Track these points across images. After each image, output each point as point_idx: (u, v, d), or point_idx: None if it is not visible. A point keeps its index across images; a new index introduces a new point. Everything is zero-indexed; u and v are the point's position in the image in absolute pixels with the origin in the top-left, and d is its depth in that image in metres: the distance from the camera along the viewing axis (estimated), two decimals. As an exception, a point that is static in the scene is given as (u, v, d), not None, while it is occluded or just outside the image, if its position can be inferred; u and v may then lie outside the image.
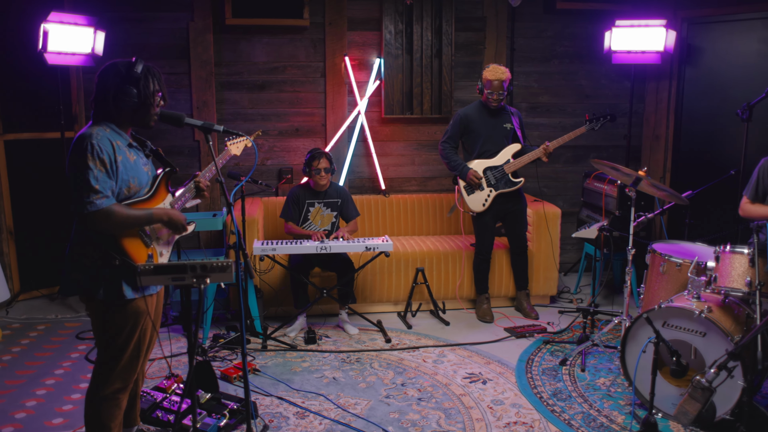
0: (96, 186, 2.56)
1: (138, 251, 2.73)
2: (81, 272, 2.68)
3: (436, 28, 5.89)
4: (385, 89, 5.90)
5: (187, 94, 5.75)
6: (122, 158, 2.68)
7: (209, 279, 2.47)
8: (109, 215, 2.59)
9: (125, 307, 2.72)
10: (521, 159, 4.94)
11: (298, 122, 5.95)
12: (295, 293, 4.86)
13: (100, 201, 2.56)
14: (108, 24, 5.40)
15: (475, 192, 5.01)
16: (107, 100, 2.69)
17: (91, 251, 2.67)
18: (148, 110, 2.77)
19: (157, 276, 2.45)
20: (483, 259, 5.15)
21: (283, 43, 5.83)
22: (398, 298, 5.30)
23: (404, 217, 5.95)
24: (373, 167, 6.04)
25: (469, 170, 4.97)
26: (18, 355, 4.47)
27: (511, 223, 5.14)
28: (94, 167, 2.57)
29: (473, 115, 5.01)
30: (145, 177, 2.81)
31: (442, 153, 5.10)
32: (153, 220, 2.76)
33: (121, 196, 2.69)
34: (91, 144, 2.58)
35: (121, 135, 2.74)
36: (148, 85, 2.73)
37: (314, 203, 5.03)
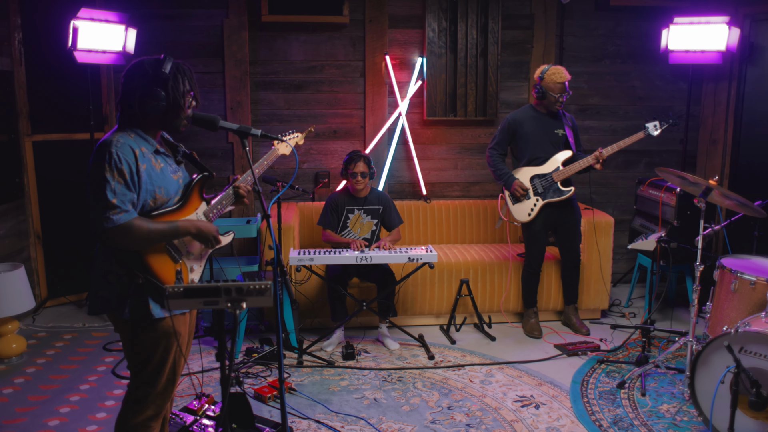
0: (113, 200, 2.32)
1: (165, 268, 2.48)
2: (107, 289, 2.45)
3: (481, 26, 5.59)
4: (428, 90, 5.62)
5: (221, 95, 5.53)
6: (146, 167, 2.43)
7: (245, 303, 2.20)
8: (129, 231, 2.34)
9: (154, 327, 2.47)
10: (571, 167, 4.61)
11: (336, 124, 5.69)
12: (332, 305, 4.59)
13: (117, 216, 2.32)
14: (140, 21, 5.20)
15: (521, 201, 4.71)
16: (132, 103, 2.45)
17: (116, 267, 2.43)
18: (178, 113, 2.51)
19: (186, 300, 2.19)
20: (532, 272, 4.84)
21: (321, 41, 5.57)
22: (440, 310, 5.01)
23: (446, 224, 5.65)
24: (414, 171, 5.76)
25: (514, 181, 4.68)
26: (42, 368, 4.27)
27: (563, 235, 4.81)
28: (111, 179, 2.33)
29: (523, 119, 4.70)
30: (173, 186, 2.55)
31: (489, 160, 4.81)
32: (179, 234, 2.50)
33: (146, 207, 2.45)
34: (109, 153, 2.34)
35: (148, 141, 2.50)
36: (177, 85, 2.47)
37: (354, 210, 4.76)
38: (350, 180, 4.65)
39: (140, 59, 2.52)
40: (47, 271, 5.37)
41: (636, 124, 5.94)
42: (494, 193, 5.93)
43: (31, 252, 5.24)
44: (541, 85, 4.56)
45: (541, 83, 4.57)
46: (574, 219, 4.79)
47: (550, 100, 4.56)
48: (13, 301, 4.23)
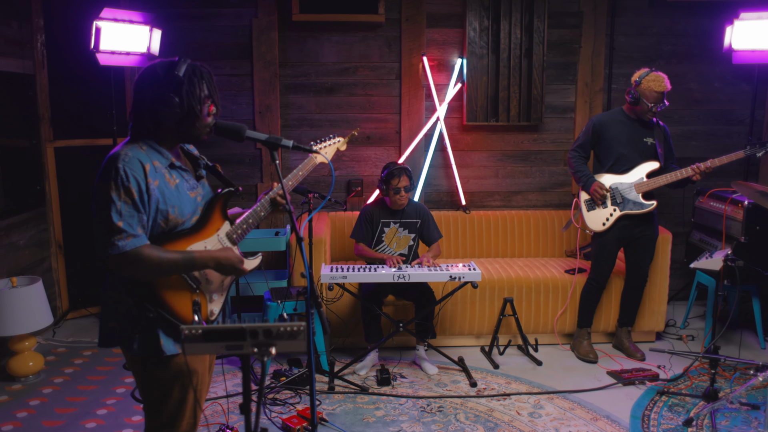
0: (119, 223, 2.03)
1: (180, 298, 2.18)
2: (116, 320, 2.17)
3: (525, 25, 5.22)
4: (467, 93, 5.26)
5: (249, 98, 5.24)
6: (159, 183, 2.13)
7: (275, 348, 1.88)
8: (136, 260, 2.05)
9: (167, 365, 2.17)
10: (657, 179, 4.23)
11: (369, 129, 5.37)
12: (366, 325, 4.27)
13: (123, 242, 2.03)
14: (165, 21, 4.94)
15: (597, 208, 4.33)
16: (143, 112, 2.16)
17: (125, 296, 2.14)
18: (194, 122, 2.20)
19: (206, 344, 1.87)
20: (597, 286, 4.46)
21: (354, 41, 5.26)
22: (481, 330, 4.65)
23: (487, 236, 5.29)
24: (453, 180, 5.41)
25: (594, 182, 4.31)
26: (60, 388, 4.02)
27: (635, 251, 4.42)
28: (117, 199, 2.03)
29: (610, 123, 4.34)
30: (189, 205, 2.24)
31: (571, 162, 4.46)
32: (195, 267, 2.19)
33: (157, 229, 2.15)
34: (116, 169, 2.05)
35: (161, 153, 2.19)
36: (193, 90, 2.16)
37: (390, 223, 4.43)
38: (392, 196, 4.32)
39: (152, 62, 2.22)
40: (68, 282, 5.15)
41: (692, 129, 5.52)
42: (537, 203, 5.56)
43: (53, 262, 5.01)
44: (637, 91, 4.18)
45: (636, 88, 4.18)
46: (651, 235, 4.40)
47: (643, 109, 4.18)
48: (30, 318, 3.99)
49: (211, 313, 2.29)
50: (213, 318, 2.29)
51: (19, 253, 4.54)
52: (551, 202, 5.56)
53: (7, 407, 3.77)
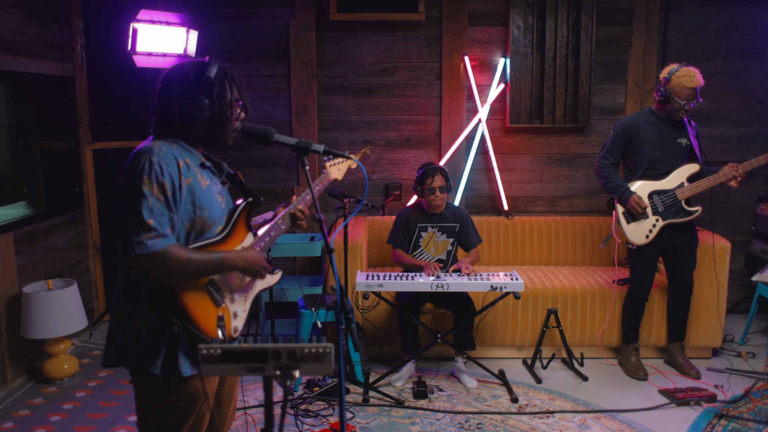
0: (149, 221, 1.91)
1: (206, 312, 2.05)
2: (130, 336, 2.02)
3: (572, 22, 4.99)
4: (511, 94, 5.06)
5: (286, 99, 5.15)
6: (191, 181, 2.02)
7: (299, 371, 1.74)
8: (165, 260, 1.92)
9: (179, 387, 2.04)
10: (699, 183, 3.96)
11: (408, 131, 5.22)
12: (403, 335, 4.12)
13: (152, 241, 1.90)
14: (201, 22, 4.88)
15: (638, 220, 4.07)
16: (170, 113, 2.05)
17: (145, 307, 2.01)
18: (224, 126, 2.10)
19: (225, 365, 1.74)
20: (638, 302, 4.21)
21: (393, 41, 5.11)
22: (523, 342, 4.45)
23: (530, 242, 5.08)
24: (494, 184, 5.22)
25: (632, 195, 4.04)
26: (93, 392, 3.98)
27: (677, 261, 4.15)
28: (149, 194, 1.92)
29: (641, 125, 4.07)
30: (218, 209, 2.12)
31: (599, 171, 4.19)
32: (224, 267, 2.07)
33: (182, 235, 2.03)
34: (149, 162, 1.93)
35: (192, 153, 2.09)
36: (224, 92, 2.06)
37: (427, 228, 4.28)
38: (427, 196, 4.16)
39: (180, 62, 2.12)
40: (106, 284, 5.13)
41: (753, 132, 5.21)
42: (583, 209, 5.32)
43: (90, 264, 5.00)
44: (666, 88, 3.92)
45: (666, 85, 3.92)
46: (692, 243, 4.13)
47: (674, 107, 3.92)
48: (64, 321, 3.96)
49: (235, 330, 2.16)
50: (237, 335, 2.17)
51: (56, 255, 4.53)
52: (598, 207, 5.31)
53: (41, 410, 3.74)
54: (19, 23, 4.13)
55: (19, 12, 4.13)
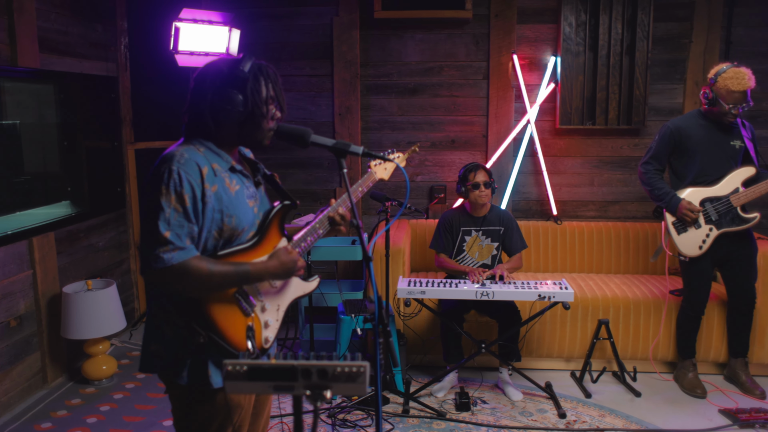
0: (165, 234, 1.81)
1: (234, 323, 1.95)
2: (161, 344, 1.96)
3: (628, 19, 4.76)
4: (561, 94, 4.86)
5: (329, 99, 5.05)
6: (217, 188, 1.92)
7: (330, 391, 1.62)
8: (183, 274, 1.83)
9: (212, 399, 1.95)
10: (756, 188, 3.70)
11: (454, 132, 5.06)
12: (445, 344, 3.97)
13: (169, 255, 1.81)
14: (244, 21, 4.83)
15: (689, 230, 3.83)
16: (203, 110, 1.95)
17: (174, 316, 1.93)
18: (259, 124, 1.99)
19: (250, 383, 1.63)
20: (693, 315, 3.96)
21: (439, 39, 4.97)
22: (571, 353, 4.25)
23: (580, 249, 4.87)
24: (543, 187, 5.02)
25: (681, 202, 3.80)
26: (130, 394, 3.95)
27: (735, 272, 3.89)
28: (167, 206, 1.83)
29: (689, 128, 3.83)
30: (248, 216, 2.02)
31: (644, 177, 3.95)
32: (251, 280, 1.97)
33: (210, 243, 1.93)
34: (169, 171, 1.84)
35: (221, 156, 1.99)
36: (258, 89, 1.96)
37: (471, 231, 4.12)
38: (470, 193, 4.01)
39: (214, 59, 2.03)
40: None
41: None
42: (636, 214, 5.08)
43: (131, 264, 5.00)
44: (712, 90, 3.68)
45: (712, 87, 3.67)
46: (750, 251, 3.86)
47: (721, 111, 3.66)
48: (103, 322, 3.93)
49: (265, 341, 2.06)
50: (268, 346, 2.07)
51: (98, 255, 4.53)
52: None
53: (79, 411, 3.72)
54: (64, 23, 4.14)
55: (64, 12, 4.13)
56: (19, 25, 3.68)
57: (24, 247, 3.79)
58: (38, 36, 3.86)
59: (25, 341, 3.80)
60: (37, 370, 3.91)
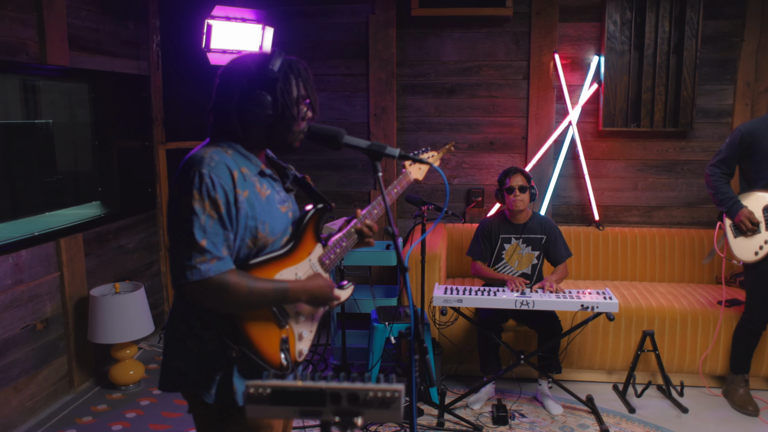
0: (202, 242, 1.68)
1: (268, 335, 1.82)
2: (184, 359, 1.83)
3: (676, 16, 4.55)
4: (605, 95, 4.67)
5: (364, 99, 4.93)
6: (248, 194, 1.79)
7: (361, 418, 1.48)
8: (222, 289, 1.70)
9: (239, 417, 1.82)
10: None
11: (493, 134, 4.90)
12: (482, 355, 3.81)
13: (206, 266, 1.68)
14: (278, 19, 4.73)
15: (747, 235, 3.63)
16: (229, 112, 1.82)
17: (199, 330, 1.80)
18: (290, 126, 1.85)
19: (274, 407, 1.49)
20: (754, 328, 3.73)
21: (478, 38, 4.81)
22: (614, 366, 4.06)
23: (623, 256, 4.67)
24: (584, 191, 4.83)
25: (741, 209, 3.61)
26: (157, 400, 3.87)
27: None
28: (201, 212, 1.69)
29: (762, 132, 3.62)
30: (281, 222, 1.89)
31: (710, 180, 3.78)
32: (287, 300, 1.84)
33: (243, 251, 1.80)
34: (200, 175, 1.71)
35: (249, 159, 1.85)
36: (289, 88, 1.82)
37: (510, 239, 3.95)
38: (507, 198, 3.84)
39: (242, 55, 1.90)
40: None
41: None
42: (682, 220, 4.86)
43: (161, 266, 4.93)
44: None
45: None
46: None
47: None
48: (131, 326, 3.85)
49: (299, 354, 1.93)
50: (302, 359, 1.94)
51: (127, 257, 4.46)
52: (699, 219, 4.84)
53: (104, 417, 3.65)
54: (94, 21, 4.07)
55: (95, 9, 4.07)
56: (48, 23, 3.62)
57: (51, 248, 3.73)
58: (68, 33, 3.80)
59: (51, 345, 3.73)
60: (63, 375, 3.84)
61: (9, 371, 3.43)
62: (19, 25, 3.48)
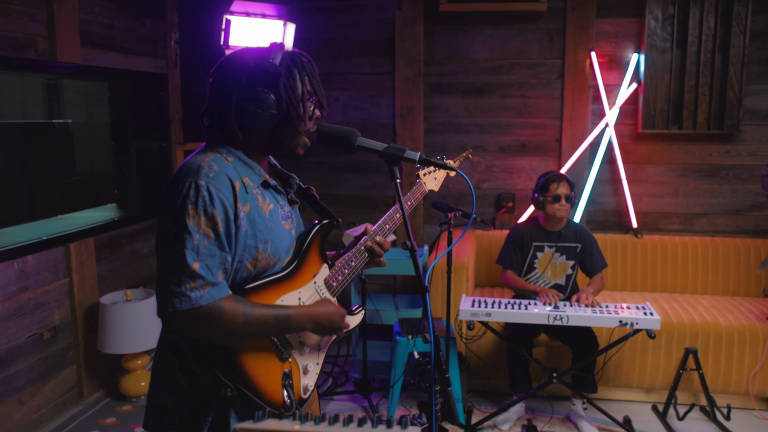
0: (194, 266, 1.46)
1: (266, 370, 1.61)
2: (172, 395, 1.62)
3: (722, 11, 4.27)
4: (644, 95, 4.40)
5: (390, 99, 4.71)
6: (249, 208, 1.57)
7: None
8: (214, 318, 1.48)
9: None
10: None
11: (525, 136, 4.65)
12: (512, 371, 3.57)
13: (197, 293, 1.46)
14: (300, 15, 4.53)
15: None
16: (227, 113, 1.61)
17: (189, 363, 1.59)
18: (295, 127, 1.64)
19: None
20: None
21: (510, 34, 4.57)
22: (653, 384, 3.80)
23: (662, 266, 4.39)
24: (622, 197, 4.56)
25: None
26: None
27: None
28: (195, 230, 1.47)
29: None
30: (285, 240, 1.67)
31: (764, 181, 3.55)
32: (291, 328, 1.62)
33: (241, 274, 1.59)
34: (196, 186, 1.49)
35: (252, 168, 1.64)
36: (293, 84, 1.61)
37: (544, 247, 3.71)
38: (550, 206, 3.60)
39: (239, 50, 1.69)
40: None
41: None
42: (726, 228, 4.57)
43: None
44: None
45: None
46: None
47: None
48: (142, 335, 3.68)
49: (305, 390, 1.71)
50: (307, 396, 1.71)
51: (141, 262, 4.30)
52: (745, 228, 4.54)
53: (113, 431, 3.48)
54: (109, 16, 3.92)
55: (110, 5, 3.92)
56: (59, 18, 3.47)
57: (60, 253, 3.57)
58: (80, 29, 3.64)
59: (59, 354, 3.58)
60: (72, 385, 3.68)
61: (13, 382, 3.28)
62: (27, 20, 3.33)
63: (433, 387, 1.74)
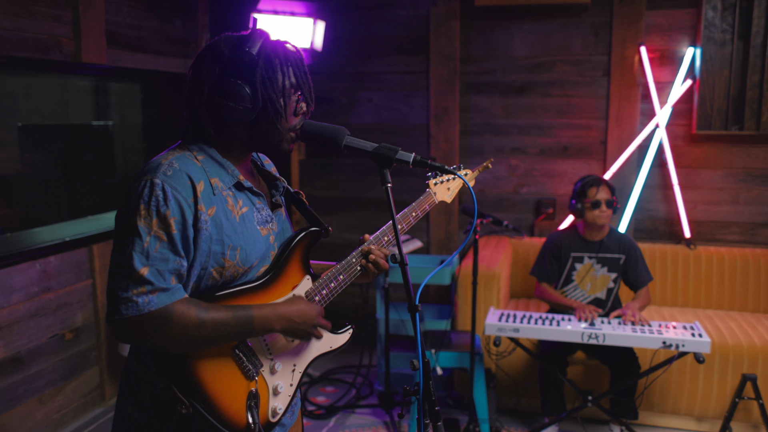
0: (142, 270, 1.34)
1: (228, 388, 1.46)
2: (137, 405, 1.50)
3: (790, 0, 3.89)
4: (700, 92, 4.05)
5: (424, 99, 4.51)
6: (215, 211, 1.44)
7: None
8: (164, 323, 1.36)
9: None
10: None
11: (567, 138, 4.37)
12: (543, 392, 3.32)
13: (145, 299, 1.34)
14: (330, 12, 4.38)
15: None
16: (199, 107, 1.48)
17: (152, 374, 1.47)
18: (274, 123, 1.50)
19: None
20: None
21: (551, 30, 4.29)
22: (705, 412, 3.46)
23: (718, 280, 4.03)
24: (673, 204, 4.22)
25: None
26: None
27: None
28: (146, 231, 1.36)
29: None
30: (259, 246, 1.53)
31: None
32: (254, 330, 1.47)
33: (205, 282, 1.46)
34: (150, 185, 1.38)
35: (224, 167, 1.51)
36: (272, 76, 1.46)
37: (583, 258, 3.43)
38: (589, 213, 3.33)
39: (217, 38, 1.54)
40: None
41: None
42: (796, 239, 4.16)
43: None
44: None
45: None
46: None
47: None
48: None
49: (273, 413, 1.55)
50: (276, 420, 1.55)
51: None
52: (815, 238, 4.14)
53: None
54: (137, 17, 3.87)
55: (138, 5, 3.87)
56: (84, 19, 3.43)
57: (84, 254, 3.56)
58: (108, 30, 3.60)
59: (81, 355, 3.57)
60: (94, 387, 3.67)
61: (34, 382, 3.28)
62: (53, 21, 3.31)
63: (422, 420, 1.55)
